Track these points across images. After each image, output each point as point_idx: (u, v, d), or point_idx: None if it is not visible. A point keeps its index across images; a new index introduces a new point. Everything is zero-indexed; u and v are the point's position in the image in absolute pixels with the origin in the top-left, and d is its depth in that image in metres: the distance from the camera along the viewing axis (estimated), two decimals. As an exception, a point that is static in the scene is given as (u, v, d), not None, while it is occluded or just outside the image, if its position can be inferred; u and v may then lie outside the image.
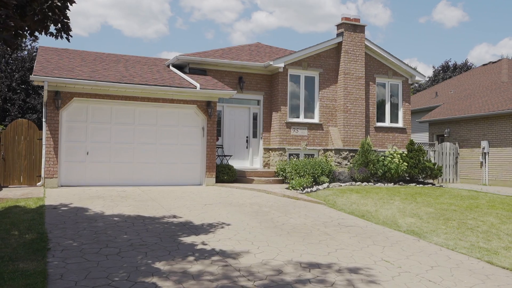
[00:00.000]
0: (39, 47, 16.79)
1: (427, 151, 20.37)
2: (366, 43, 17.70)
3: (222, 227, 8.43)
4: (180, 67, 16.60)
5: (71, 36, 6.54)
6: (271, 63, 16.20)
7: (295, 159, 15.88)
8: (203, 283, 5.44)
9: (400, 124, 18.58)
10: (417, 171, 16.42)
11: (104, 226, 8.12)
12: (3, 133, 13.41)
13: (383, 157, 16.14)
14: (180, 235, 7.69)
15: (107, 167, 13.42)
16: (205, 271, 5.91)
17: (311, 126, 17.04)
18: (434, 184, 16.89)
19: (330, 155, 16.87)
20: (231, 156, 16.34)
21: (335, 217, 10.06)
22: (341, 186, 14.64)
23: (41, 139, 13.60)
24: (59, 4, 4.44)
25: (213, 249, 6.96)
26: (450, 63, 46.41)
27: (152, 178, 13.86)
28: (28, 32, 5.91)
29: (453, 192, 14.22)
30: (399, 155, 16.21)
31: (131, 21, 75.58)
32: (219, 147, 16.03)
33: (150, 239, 7.39)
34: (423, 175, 16.83)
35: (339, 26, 17.62)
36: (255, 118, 17.14)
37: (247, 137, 17.02)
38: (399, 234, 8.69)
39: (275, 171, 15.80)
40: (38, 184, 13.34)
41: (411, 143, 17.08)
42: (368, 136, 17.28)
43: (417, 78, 18.83)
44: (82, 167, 13.13)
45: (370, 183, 15.47)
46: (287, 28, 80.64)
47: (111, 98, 13.39)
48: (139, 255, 6.48)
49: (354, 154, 16.86)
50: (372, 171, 15.73)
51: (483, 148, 20.36)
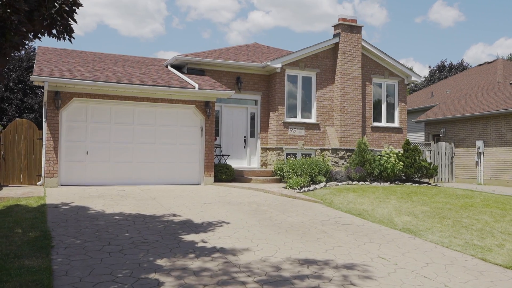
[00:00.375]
0: (38, 47, 16.89)
1: (423, 150, 20.58)
2: (363, 43, 17.88)
3: (222, 226, 8.58)
4: (178, 67, 16.74)
5: (73, 38, 6.67)
6: (269, 63, 16.36)
7: (292, 158, 16.04)
8: (204, 279, 5.59)
9: (396, 124, 18.78)
10: (413, 170, 16.61)
11: (106, 225, 8.25)
12: (3, 132, 13.51)
13: (379, 156, 16.33)
14: (180, 233, 7.84)
15: (107, 167, 13.54)
16: (205, 267, 6.06)
17: (308, 126, 17.21)
18: (430, 184, 17.09)
19: (327, 154, 17.04)
20: (229, 155, 16.48)
21: (332, 215, 10.23)
22: (338, 185, 14.81)
23: (40, 138, 13.71)
24: (67, 8, 4.58)
25: (213, 246, 7.10)
26: (446, 63, 46.69)
27: (151, 178, 14.00)
28: (32, 34, 6.04)
29: (448, 191, 14.41)
30: (395, 155, 16.40)
31: (127, 20, 75.63)
32: (217, 147, 16.17)
33: (151, 237, 7.53)
34: (419, 175, 17.02)
35: (336, 27, 17.80)
36: (252, 118, 17.29)
37: (245, 136, 17.17)
38: (395, 232, 8.86)
39: (272, 171, 15.95)
40: (38, 183, 13.45)
41: (407, 142, 17.28)
42: (365, 136, 17.47)
43: (413, 79, 19.03)
44: (82, 166, 13.26)
45: (367, 183, 15.65)
46: (283, 27, 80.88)
47: (110, 98, 13.51)
48: (141, 253, 6.62)
49: (350, 154, 17.04)
50: (369, 171, 15.92)
51: (478, 148, 20.58)
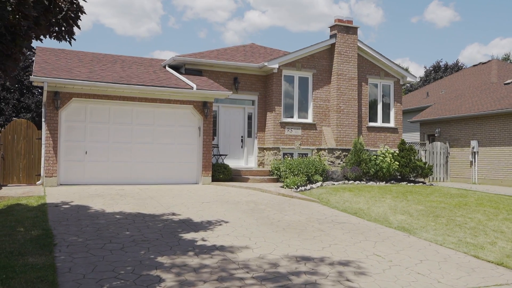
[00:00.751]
0: (37, 47, 16.98)
1: (418, 150, 20.80)
2: (359, 44, 18.07)
3: (220, 224, 8.73)
4: (176, 67, 16.87)
5: (74, 40, 6.82)
6: (266, 64, 16.52)
7: (289, 158, 16.21)
8: (204, 276, 5.75)
9: (391, 124, 18.98)
10: (408, 170, 16.82)
11: (106, 223, 8.39)
12: (3, 132, 13.62)
13: (375, 156, 16.53)
14: (180, 232, 7.99)
15: (106, 166, 13.67)
16: (205, 264, 6.22)
17: (305, 126, 17.38)
18: (425, 183, 17.30)
19: (323, 154, 17.22)
20: (226, 155, 16.63)
21: (329, 214, 10.40)
22: (334, 184, 14.99)
23: (39, 138, 13.83)
24: (72, 15, 4.73)
25: (212, 244, 7.26)
26: (441, 63, 46.99)
27: (149, 177, 14.13)
28: (34, 36, 6.19)
29: (443, 191, 14.61)
30: (390, 155, 16.61)
31: (123, 19, 75.59)
32: (214, 147, 16.32)
33: (151, 235, 7.68)
34: (414, 174, 17.24)
35: (332, 28, 17.98)
36: (250, 118, 17.45)
37: (242, 136, 17.33)
38: (390, 230, 9.04)
39: (269, 170, 16.12)
40: (37, 182, 13.57)
41: (403, 142, 17.49)
42: (361, 136, 17.66)
43: (408, 79, 19.24)
44: (81, 166, 13.38)
45: (363, 182, 15.85)
46: (280, 27, 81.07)
47: (109, 98, 13.64)
48: (142, 250, 6.77)
49: (347, 154, 17.23)
50: (365, 170, 16.11)
51: (473, 148, 20.81)
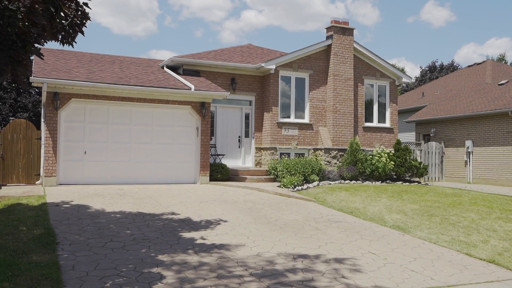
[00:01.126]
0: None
1: (414, 150, 21.02)
2: (355, 45, 18.26)
3: (219, 223, 8.90)
4: (174, 68, 17.02)
5: (75, 43, 6.96)
6: (263, 64, 16.68)
7: (286, 158, 16.38)
8: (204, 273, 5.92)
9: (387, 124, 19.19)
10: (403, 169, 17.03)
11: (107, 222, 8.54)
12: (2, 132, 13.72)
13: (371, 156, 16.72)
14: (180, 231, 8.15)
15: (105, 166, 13.81)
16: (204, 262, 6.38)
17: (301, 126, 17.56)
18: (420, 182, 17.51)
19: (320, 154, 17.41)
20: (224, 155, 16.79)
21: (325, 213, 10.58)
22: (330, 184, 15.17)
23: (38, 138, 13.95)
24: (78, 22, 4.89)
25: (212, 243, 7.43)
26: (437, 64, 47.30)
27: (148, 177, 14.28)
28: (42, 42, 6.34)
29: (437, 190, 14.81)
30: (386, 154, 16.80)
31: (119, 19, 75.56)
32: (212, 147, 16.47)
33: (151, 234, 7.84)
34: (410, 174, 17.45)
35: (328, 29, 18.16)
36: (247, 118, 17.61)
37: (239, 136, 17.49)
38: (385, 229, 9.23)
39: (266, 170, 16.29)
40: (37, 182, 13.69)
41: (398, 142, 17.70)
42: (357, 136, 17.85)
43: (404, 80, 19.45)
44: (80, 166, 13.51)
45: (359, 181, 16.04)
46: (276, 26, 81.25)
47: (108, 99, 13.77)
48: (143, 249, 6.93)
49: (343, 153, 17.42)
50: (361, 170, 16.31)
51: (468, 148, 21.05)
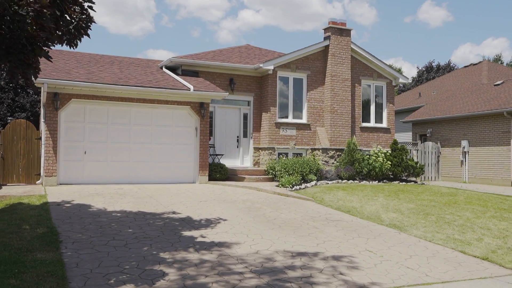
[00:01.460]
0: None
1: (410, 150, 21.21)
2: (352, 46, 18.44)
3: (219, 222, 9.05)
4: (172, 68, 17.15)
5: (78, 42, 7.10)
6: (261, 65, 16.84)
7: (284, 158, 16.54)
8: (204, 270, 6.06)
9: (384, 124, 19.37)
10: (400, 169, 17.21)
11: (108, 221, 8.68)
12: (2, 133, 13.84)
13: (368, 156, 16.90)
14: (180, 229, 8.29)
15: (104, 166, 13.94)
16: (205, 259, 6.53)
17: (299, 126, 17.72)
18: (417, 182, 17.71)
19: (317, 154, 17.57)
20: (222, 155, 16.94)
21: (323, 212, 10.74)
22: (328, 183, 15.34)
23: (39, 138, 14.06)
24: (83, 25, 5.03)
25: (212, 241, 7.58)
26: (433, 64, 47.56)
27: (147, 176, 14.42)
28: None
29: (434, 189, 14.99)
30: (383, 154, 16.99)
31: (116, 18, 75.58)
32: (211, 147, 16.62)
33: (153, 232, 7.98)
34: (406, 173, 17.63)
35: (326, 30, 18.32)
36: (245, 118, 17.77)
37: (237, 136, 17.64)
38: (382, 228, 9.40)
39: (265, 170, 16.44)
40: (37, 182, 13.80)
41: (395, 142, 17.88)
42: (354, 136, 18.03)
43: (400, 80, 19.63)
44: (80, 166, 13.64)
45: (356, 181, 16.21)
46: (273, 26, 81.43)
47: (107, 99, 13.90)
48: (145, 247, 7.07)
49: (340, 153, 17.59)
50: (358, 170, 16.48)
51: (463, 148, 21.26)
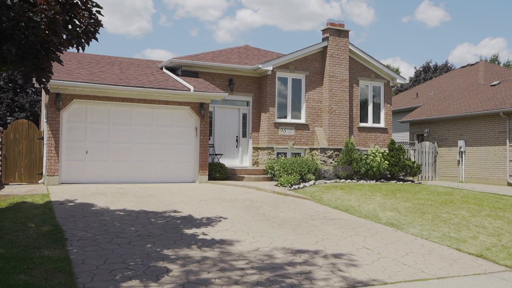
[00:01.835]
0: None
1: (408, 150, 21.43)
2: (350, 47, 18.64)
3: (219, 220, 9.23)
4: (172, 69, 17.32)
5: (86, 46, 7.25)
6: (260, 66, 17.02)
7: (283, 157, 16.73)
8: (207, 266, 6.25)
9: (382, 124, 19.58)
10: (397, 169, 17.43)
11: (111, 220, 8.86)
12: (4, 133, 13.99)
13: (365, 155, 17.11)
14: (182, 227, 8.47)
15: (105, 165, 14.11)
16: (207, 256, 6.72)
17: (298, 126, 17.92)
18: (414, 181, 17.92)
19: (316, 154, 17.77)
20: (222, 154, 17.12)
21: (322, 211, 10.94)
22: (326, 183, 15.54)
23: (41, 138, 14.22)
24: (92, 29, 5.22)
25: (213, 238, 7.76)
26: (431, 64, 47.83)
27: (148, 176, 14.59)
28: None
29: (430, 189, 15.20)
30: (380, 154, 17.20)
31: (114, 17, 75.64)
32: (210, 146, 16.80)
33: (155, 230, 8.16)
34: (403, 173, 17.85)
35: (324, 31, 18.52)
36: (244, 118, 17.95)
37: (237, 136, 17.82)
38: (379, 226, 9.60)
39: (264, 169, 16.63)
40: (39, 181, 13.96)
41: (392, 142, 18.10)
42: (352, 136, 18.23)
43: (398, 81, 19.84)
44: (82, 165, 13.81)
45: (354, 180, 16.42)
46: (271, 26, 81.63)
47: (109, 99, 14.07)
48: (148, 244, 7.25)
49: (338, 153, 17.79)
50: (356, 169, 16.69)
51: (460, 147, 21.48)
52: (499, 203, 12.48)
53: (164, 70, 17.31)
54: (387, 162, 17.19)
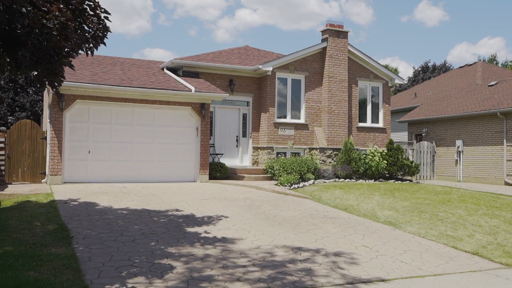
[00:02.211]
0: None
1: (406, 149, 21.63)
2: (349, 48, 18.82)
3: (221, 219, 9.42)
4: (173, 70, 17.49)
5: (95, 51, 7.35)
6: (260, 66, 17.20)
7: (282, 157, 16.91)
8: (210, 263, 6.43)
9: (380, 124, 19.77)
10: (396, 168, 17.62)
11: (115, 218, 9.03)
12: (8, 133, 14.16)
13: (364, 155, 17.30)
14: (184, 226, 8.66)
15: (108, 165, 14.28)
16: (210, 254, 6.90)
17: (297, 126, 18.10)
18: (412, 181, 18.12)
19: (315, 153, 17.95)
20: (222, 154, 17.29)
21: (321, 210, 11.12)
22: (325, 182, 15.72)
23: (43, 138, 14.39)
24: (100, 34, 5.40)
25: (215, 236, 7.94)
26: (429, 64, 48.05)
27: (149, 175, 14.77)
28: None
29: (428, 188, 15.39)
30: (379, 154, 17.39)
31: (113, 17, 75.85)
32: (211, 146, 16.97)
33: (158, 229, 8.34)
34: (402, 172, 18.05)
35: (323, 32, 18.70)
36: (244, 118, 18.13)
37: (237, 136, 18.00)
38: (378, 225, 9.78)
39: (264, 169, 16.81)
40: (42, 181, 14.13)
41: (391, 142, 18.29)
42: (351, 136, 18.41)
43: (396, 81, 20.03)
44: (84, 165, 13.98)
45: (353, 180, 16.61)
46: (270, 25, 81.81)
47: (111, 100, 14.24)
48: (152, 242, 7.43)
49: (337, 153, 17.98)
50: (354, 169, 16.88)
51: (458, 147, 21.68)
52: (495, 202, 12.67)
53: (165, 70, 17.48)
54: (386, 162, 17.38)
